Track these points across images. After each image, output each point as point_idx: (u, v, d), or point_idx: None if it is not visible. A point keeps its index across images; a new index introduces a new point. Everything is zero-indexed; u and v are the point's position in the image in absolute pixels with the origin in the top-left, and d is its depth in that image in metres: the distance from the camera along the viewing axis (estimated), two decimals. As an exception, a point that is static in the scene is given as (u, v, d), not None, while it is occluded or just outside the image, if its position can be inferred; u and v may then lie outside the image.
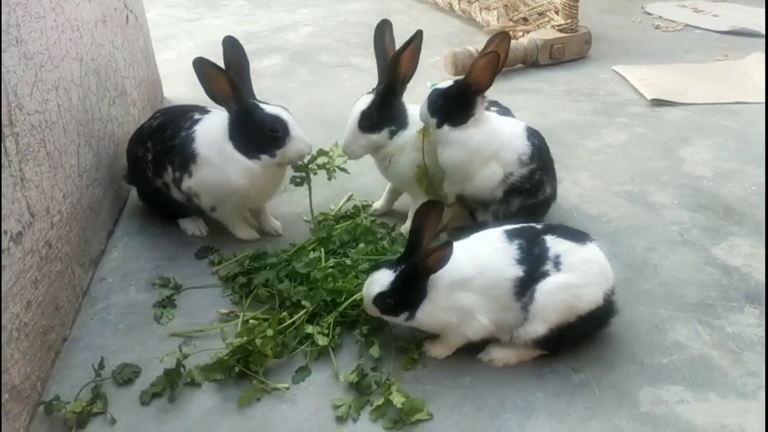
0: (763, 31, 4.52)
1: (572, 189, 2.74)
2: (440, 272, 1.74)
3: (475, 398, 1.77)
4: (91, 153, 2.32)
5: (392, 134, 2.29)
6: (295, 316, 1.96)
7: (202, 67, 2.05)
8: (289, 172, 2.34)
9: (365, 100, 2.27)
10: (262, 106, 2.18)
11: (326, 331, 1.93)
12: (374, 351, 1.87)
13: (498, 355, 1.86)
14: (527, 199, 2.22)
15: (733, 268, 2.24)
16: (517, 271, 1.75)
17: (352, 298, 1.98)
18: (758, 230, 2.43)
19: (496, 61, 2.02)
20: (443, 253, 1.69)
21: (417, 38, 2.15)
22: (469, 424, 1.68)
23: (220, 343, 1.88)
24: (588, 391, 1.78)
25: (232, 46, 2.22)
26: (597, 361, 1.87)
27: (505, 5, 4.56)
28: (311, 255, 2.20)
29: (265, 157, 2.19)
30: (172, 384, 1.78)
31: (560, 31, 4.12)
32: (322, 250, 2.23)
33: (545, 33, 4.14)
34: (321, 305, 2.00)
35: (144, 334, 2.01)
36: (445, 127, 2.15)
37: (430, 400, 1.74)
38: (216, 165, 2.20)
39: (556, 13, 4.17)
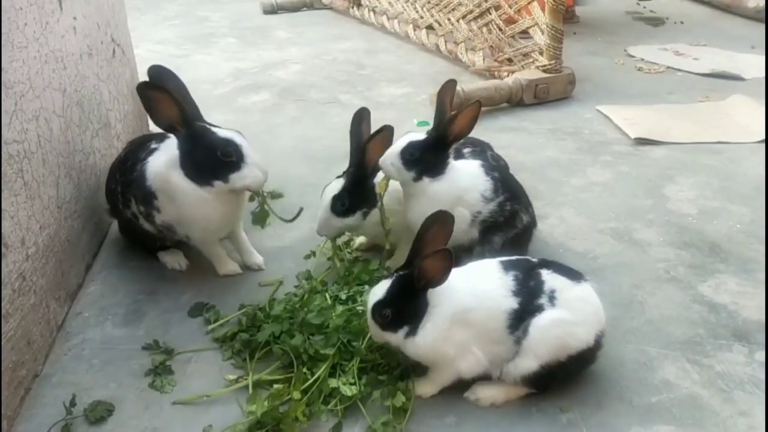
0: (743, 75, 4.62)
1: (558, 226, 2.73)
2: (443, 301, 1.72)
3: (461, 439, 1.71)
4: (72, 185, 2.28)
5: (365, 215, 2.30)
6: (318, 371, 1.82)
7: (145, 89, 1.97)
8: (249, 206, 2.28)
9: (336, 185, 2.30)
10: (214, 129, 2.10)
11: (352, 381, 1.82)
12: (398, 399, 1.77)
13: (484, 394, 1.81)
14: (507, 232, 2.21)
15: (721, 305, 2.22)
16: (512, 303, 1.72)
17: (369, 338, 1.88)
18: (744, 268, 2.42)
19: (479, 110, 2.07)
20: (440, 258, 1.64)
21: (386, 131, 2.21)
22: (454, 465, 1.62)
23: (227, 409, 1.79)
24: (576, 431, 1.73)
25: (159, 74, 2.12)
26: (585, 401, 1.82)
27: (491, 46, 4.64)
28: (316, 303, 2.07)
29: (218, 183, 2.10)
30: None
31: (544, 71, 4.18)
32: (327, 296, 2.12)
33: (530, 73, 4.19)
34: (339, 354, 1.88)
35: (119, 370, 1.95)
36: (425, 180, 2.14)
37: (413, 440, 1.69)
38: (171, 198, 2.15)
39: (541, 54, 4.24)
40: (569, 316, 1.71)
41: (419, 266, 1.67)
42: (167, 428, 1.74)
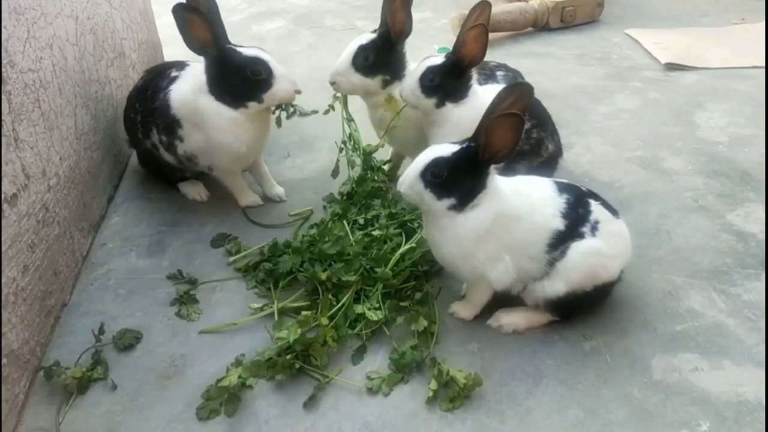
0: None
1: (584, 155, 2.67)
2: (496, 197, 1.65)
3: (484, 365, 1.72)
4: (89, 115, 2.26)
5: (385, 84, 2.20)
6: (342, 298, 1.84)
7: (181, 12, 1.93)
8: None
9: (365, 37, 2.15)
10: (239, 49, 2.06)
11: (377, 305, 1.84)
12: (420, 324, 1.78)
13: (507, 320, 1.82)
14: (532, 161, 2.16)
15: (750, 234, 2.17)
16: (559, 224, 1.69)
17: (395, 260, 1.88)
18: (775, 196, 2.36)
19: (484, 33, 1.96)
20: (510, 125, 1.56)
21: None
22: (477, 390, 1.64)
23: (252, 336, 1.81)
24: (599, 358, 1.74)
25: None
26: (608, 329, 1.82)
27: (515, -33, 4.43)
28: (333, 232, 2.06)
29: (252, 104, 2.08)
30: (231, 402, 1.62)
31: (572, -7, 4.00)
32: (345, 223, 2.10)
33: (556, -5, 4.02)
34: (361, 280, 1.89)
35: (145, 299, 1.97)
36: (448, 105, 2.07)
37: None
38: (199, 125, 2.12)
39: (568, -26, 4.04)
40: (606, 248, 1.70)
41: (486, 131, 1.57)
42: (195, 355, 1.78)
